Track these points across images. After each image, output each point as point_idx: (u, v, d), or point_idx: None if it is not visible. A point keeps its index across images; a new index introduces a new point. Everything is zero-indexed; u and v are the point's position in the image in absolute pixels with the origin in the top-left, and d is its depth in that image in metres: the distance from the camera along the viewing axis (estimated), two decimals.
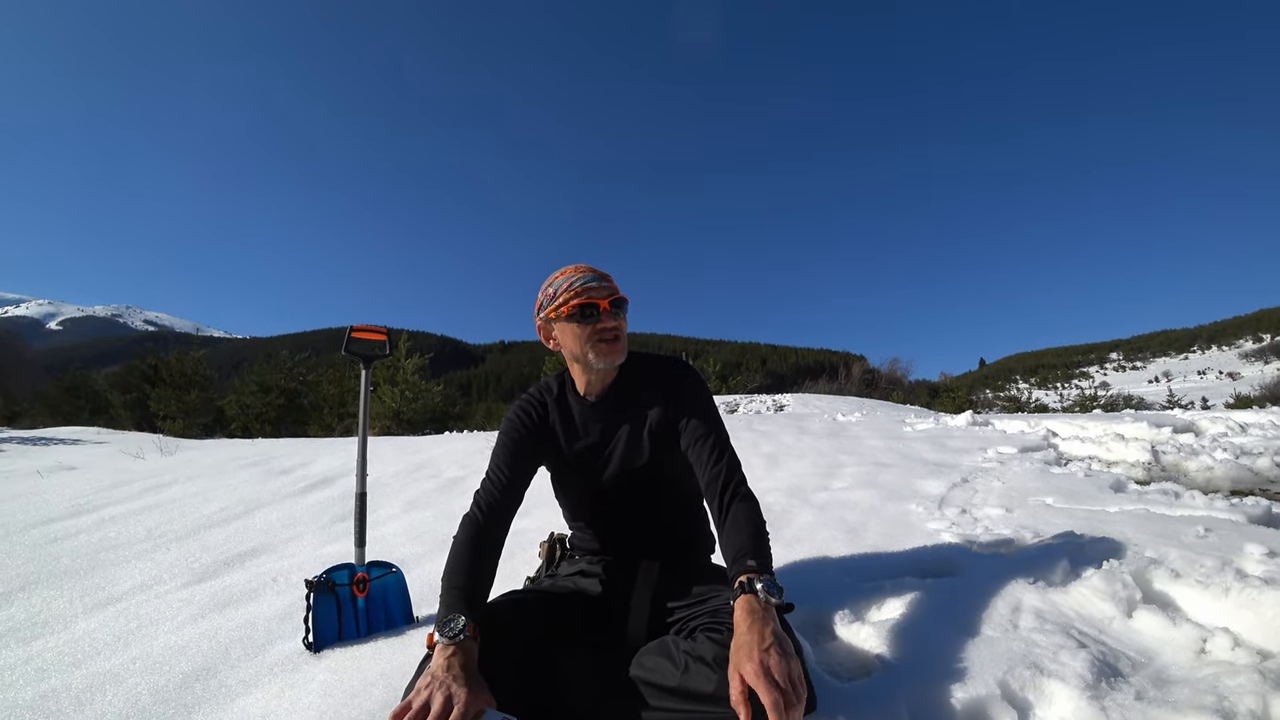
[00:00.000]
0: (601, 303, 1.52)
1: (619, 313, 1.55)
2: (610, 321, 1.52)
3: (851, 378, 20.62)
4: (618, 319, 1.54)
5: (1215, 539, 2.10)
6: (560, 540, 1.84)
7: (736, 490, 1.46)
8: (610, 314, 1.52)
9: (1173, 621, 1.50)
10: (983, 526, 2.56)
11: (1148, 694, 1.24)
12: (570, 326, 1.54)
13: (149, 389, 16.22)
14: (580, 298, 1.51)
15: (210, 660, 1.79)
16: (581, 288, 1.52)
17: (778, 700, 1.02)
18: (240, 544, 3.05)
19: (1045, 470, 3.67)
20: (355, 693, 1.51)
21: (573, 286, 1.53)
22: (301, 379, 16.76)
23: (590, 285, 1.53)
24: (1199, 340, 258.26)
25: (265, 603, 2.24)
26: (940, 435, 5.41)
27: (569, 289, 1.53)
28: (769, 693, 1.02)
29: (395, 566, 2.04)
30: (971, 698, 1.26)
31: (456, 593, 1.32)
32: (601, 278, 1.55)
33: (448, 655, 1.16)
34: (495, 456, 1.62)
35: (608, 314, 1.52)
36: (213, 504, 3.92)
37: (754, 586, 1.22)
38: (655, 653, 1.31)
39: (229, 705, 1.54)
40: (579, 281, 1.53)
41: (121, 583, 2.56)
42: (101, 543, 3.15)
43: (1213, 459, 3.69)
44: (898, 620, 1.63)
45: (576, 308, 1.51)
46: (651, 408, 1.60)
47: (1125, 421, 5.29)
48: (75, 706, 1.57)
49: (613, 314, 1.53)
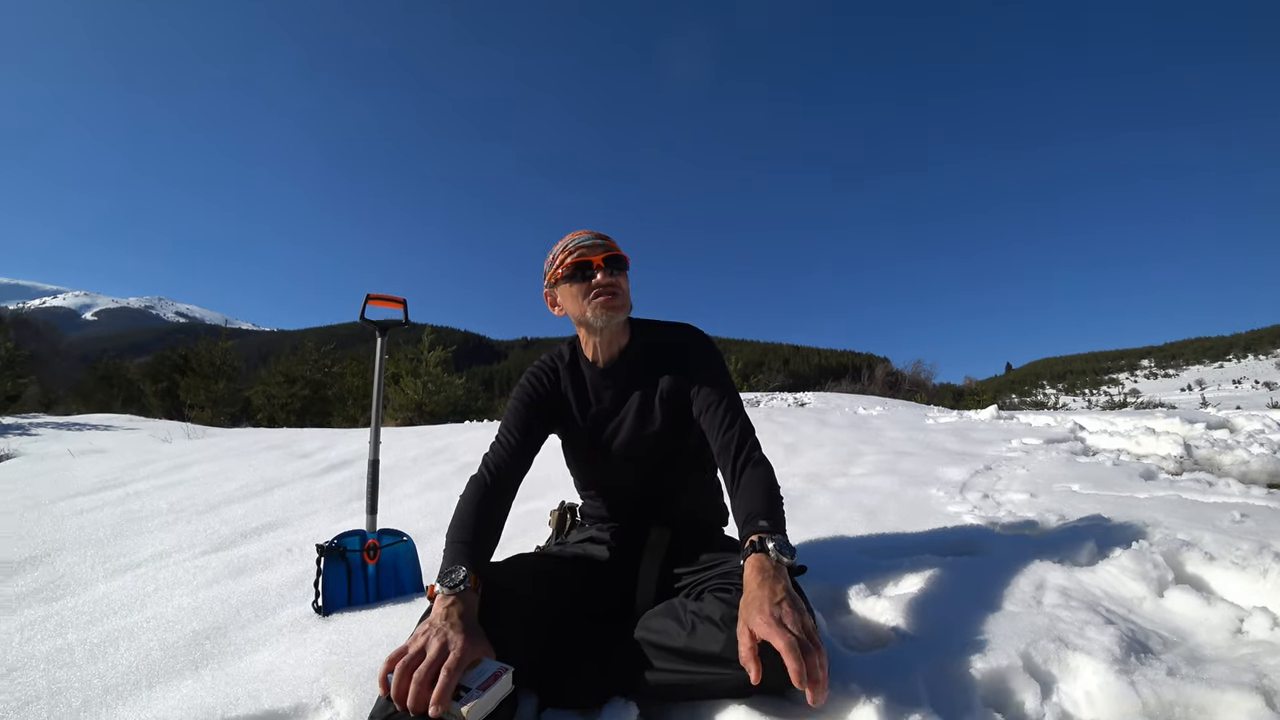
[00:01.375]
0: (595, 259, 1.49)
1: (615, 270, 1.51)
2: (605, 277, 1.49)
3: (875, 379, 20.35)
4: (614, 275, 1.51)
5: (1252, 524, 2.02)
6: (570, 509, 1.82)
7: (750, 455, 1.43)
8: (605, 270, 1.49)
9: (1207, 602, 1.45)
10: (1006, 510, 2.49)
11: (1180, 670, 1.18)
12: (568, 287, 1.52)
13: (179, 378, 16.54)
14: (574, 256, 1.50)
15: (221, 620, 1.80)
16: (575, 246, 1.51)
17: (792, 643, 0.98)
18: (258, 519, 3.08)
19: (1071, 459, 3.58)
20: (360, 651, 1.50)
21: (568, 247, 1.51)
22: (326, 370, 16.97)
23: (585, 244, 1.51)
24: (1235, 348, 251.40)
25: (278, 571, 2.25)
26: (963, 428, 5.31)
27: (565, 249, 1.52)
28: (783, 637, 0.98)
29: (406, 535, 2.04)
30: (991, 669, 1.21)
31: (459, 546, 1.31)
32: (599, 237, 1.53)
33: (447, 605, 1.15)
34: (505, 420, 1.60)
35: (602, 269, 1.49)
36: (234, 482, 3.96)
37: (765, 546, 1.19)
38: (662, 614, 1.28)
39: (236, 661, 1.54)
40: (575, 242, 1.52)
41: (141, 551, 2.60)
42: (125, 515, 3.20)
43: (1249, 453, 3.56)
44: (915, 595, 1.59)
45: (572, 266, 1.49)
46: (663, 374, 1.57)
47: (1157, 417, 5.13)
48: (89, 658, 1.59)
49: (608, 270, 1.50)
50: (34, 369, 20.15)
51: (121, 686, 1.43)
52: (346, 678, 1.37)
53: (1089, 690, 1.16)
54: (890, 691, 1.15)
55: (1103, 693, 1.14)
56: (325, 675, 1.39)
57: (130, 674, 1.49)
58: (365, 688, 1.32)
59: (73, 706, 1.35)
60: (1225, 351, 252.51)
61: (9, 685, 1.46)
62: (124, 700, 1.37)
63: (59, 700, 1.38)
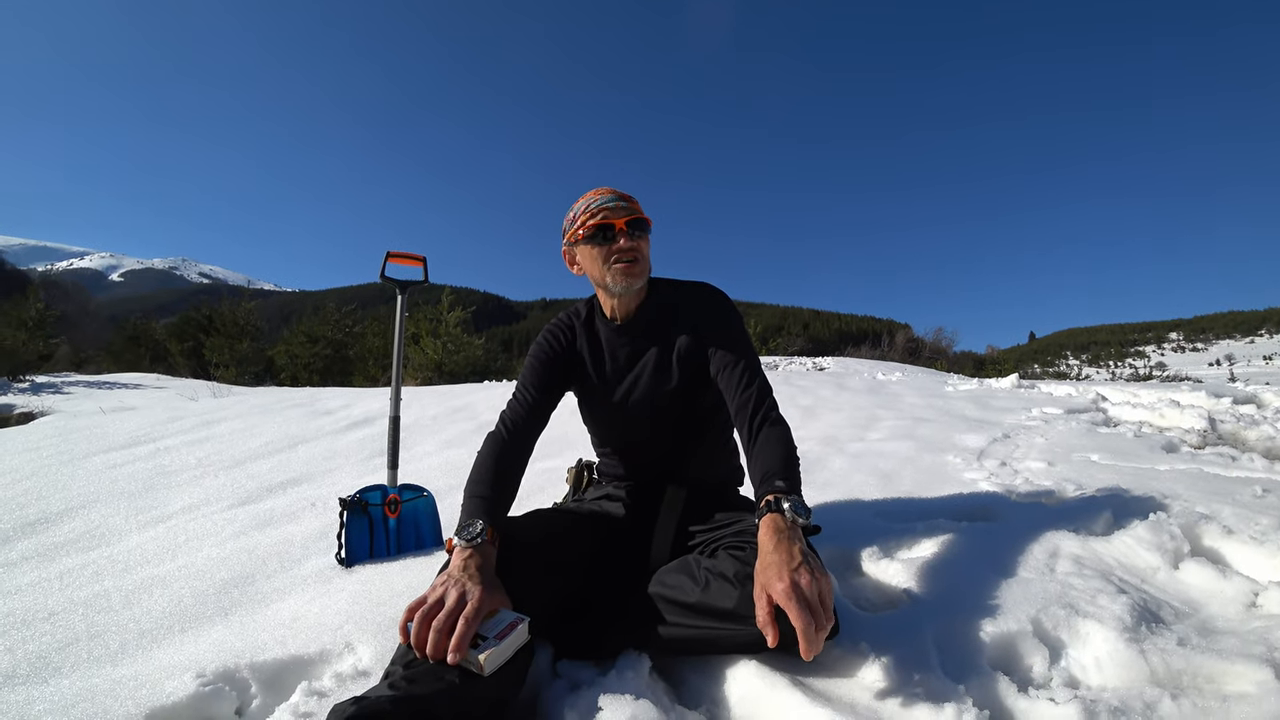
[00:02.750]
0: (618, 222, 1.46)
1: (637, 233, 1.49)
2: (627, 242, 1.47)
3: (895, 345, 20.17)
4: (635, 240, 1.49)
5: (1274, 499, 1.99)
6: (588, 466, 1.84)
7: (767, 415, 1.42)
8: (627, 234, 1.47)
9: (1222, 575, 1.44)
10: (1023, 478, 2.48)
11: (1191, 641, 1.18)
12: (588, 249, 1.50)
13: (204, 338, 16.81)
14: (596, 218, 1.47)
15: (249, 570, 1.86)
16: (599, 208, 1.48)
17: (809, 625, 0.99)
18: (283, 474, 3.16)
19: (1092, 429, 3.54)
20: (381, 601, 1.55)
21: (590, 207, 1.48)
22: (348, 331, 17.14)
23: (608, 205, 1.48)
24: (1268, 323, 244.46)
25: (303, 524, 2.32)
26: (983, 395, 5.26)
27: (587, 210, 1.49)
28: (800, 615, 0.99)
29: (426, 490, 2.08)
30: (1001, 632, 1.22)
31: (477, 501, 1.33)
32: (622, 198, 1.50)
33: (465, 557, 1.17)
34: (522, 378, 1.61)
35: (624, 234, 1.47)
36: (259, 439, 4.05)
37: (780, 505, 1.19)
38: (676, 570, 1.30)
39: (263, 609, 1.60)
40: (597, 202, 1.48)
41: (172, 504, 2.68)
42: (155, 469, 3.29)
43: (1275, 429, 3.50)
44: (928, 559, 1.60)
45: (594, 228, 1.47)
46: (681, 333, 1.56)
47: (1182, 390, 5.05)
48: (124, 604, 1.66)
49: (630, 234, 1.47)
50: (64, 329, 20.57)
51: (156, 631, 1.50)
52: (369, 626, 1.42)
53: (1098, 656, 1.16)
54: (900, 652, 1.17)
55: (1111, 659, 1.14)
56: (348, 623, 1.44)
57: (164, 619, 1.56)
58: (386, 635, 1.37)
59: (110, 649, 1.42)
60: (1258, 326, 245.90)
61: (51, 628, 1.53)
62: (159, 643, 1.44)
63: (97, 642, 1.44)
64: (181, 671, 1.26)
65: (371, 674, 1.25)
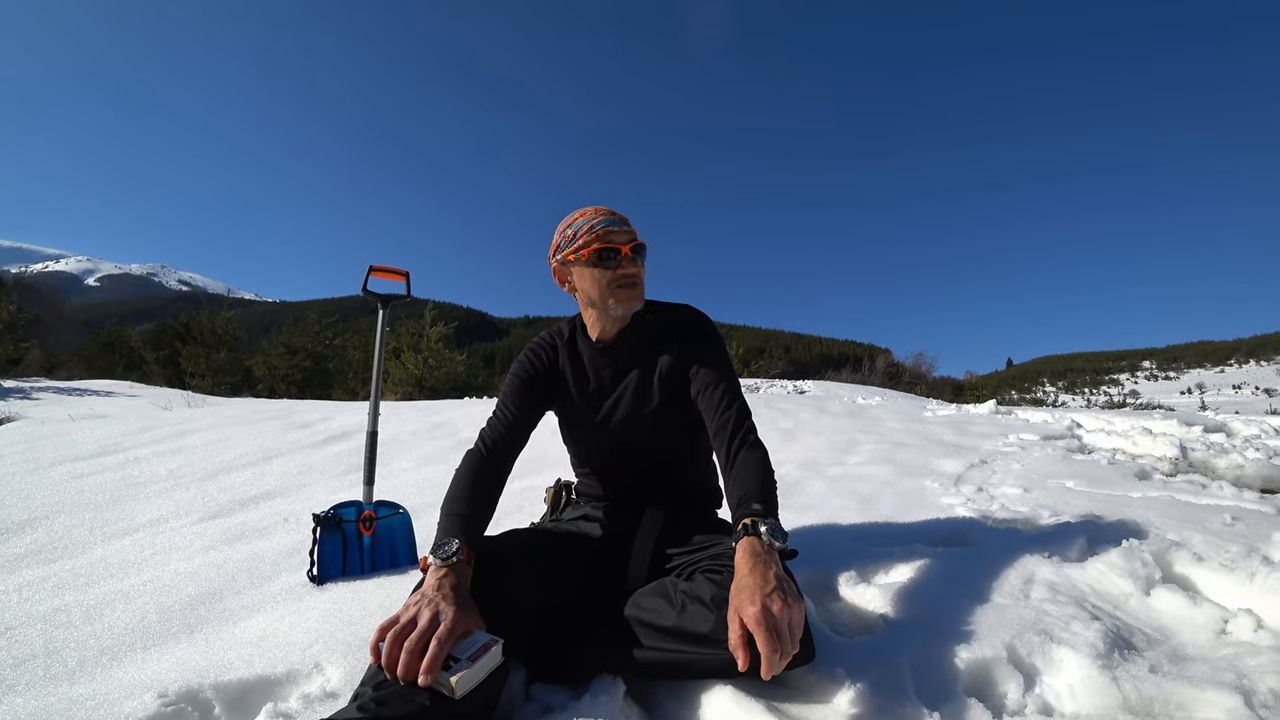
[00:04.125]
0: (623, 248, 1.47)
1: (639, 259, 1.50)
2: (631, 268, 1.48)
3: (875, 370, 20.36)
4: (638, 265, 1.50)
5: (1243, 527, 2.03)
6: (566, 486, 1.83)
7: (745, 438, 1.43)
8: (631, 260, 1.48)
9: (1193, 601, 1.45)
10: (999, 504, 2.51)
11: (1163, 668, 1.20)
12: (590, 271, 1.49)
13: (180, 347, 16.57)
14: (602, 241, 1.46)
15: (217, 586, 1.82)
16: (603, 230, 1.47)
17: (773, 652, 0.99)
18: (256, 487, 3.10)
19: (1067, 456, 3.59)
20: (353, 621, 1.52)
21: (594, 229, 1.47)
22: (328, 343, 16.98)
23: (612, 229, 1.47)
24: (1237, 353, 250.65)
25: (275, 539, 2.27)
26: (961, 421, 5.32)
27: (590, 230, 1.47)
28: (767, 643, 0.99)
29: (402, 507, 2.05)
30: (976, 658, 1.22)
31: (454, 519, 1.31)
32: (622, 221, 1.50)
33: (439, 576, 1.16)
34: (503, 396, 1.60)
35: (628, 259, 1.47)
36: (233, 451, 3.98)
37: (757, 529, 1.19)
38: (653, 593, 1.29)
39: (230, 626, 1.56)
40: (600, 224, 1.47)
41: (139, 516, 2.62)
42: (124, 480, 3.21)
43: (1244, 458, 3.56)
44: (905, 584, 1.60)
45: (597, 251, 1.46)
46: (663, 354, 1.56)
47: (1154, 418, 5.14)
48: (85, 619, 1.61)
49: (634, 260, 1.48)
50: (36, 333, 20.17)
51: (117, 647, 1.45)
52: (339, 646, 1.39)
53: (1071, 683, 1.17)
54: (875, 677, 1.17)
55: (1085, 686, 1.15)
56: (318, 643, 1.41)
57: (125, 635, 1.51)
58: (357, 656, 1.34)
59: (68, 665, 1.37)
60: (1227, 356, 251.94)
61: (6, 643, 1.48)
62: (119, 661, 1.40)
63: (55, 659, 1.40)
64: (142, 691, 1.22)
65: (340, 695, 1.22)
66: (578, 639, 1.29)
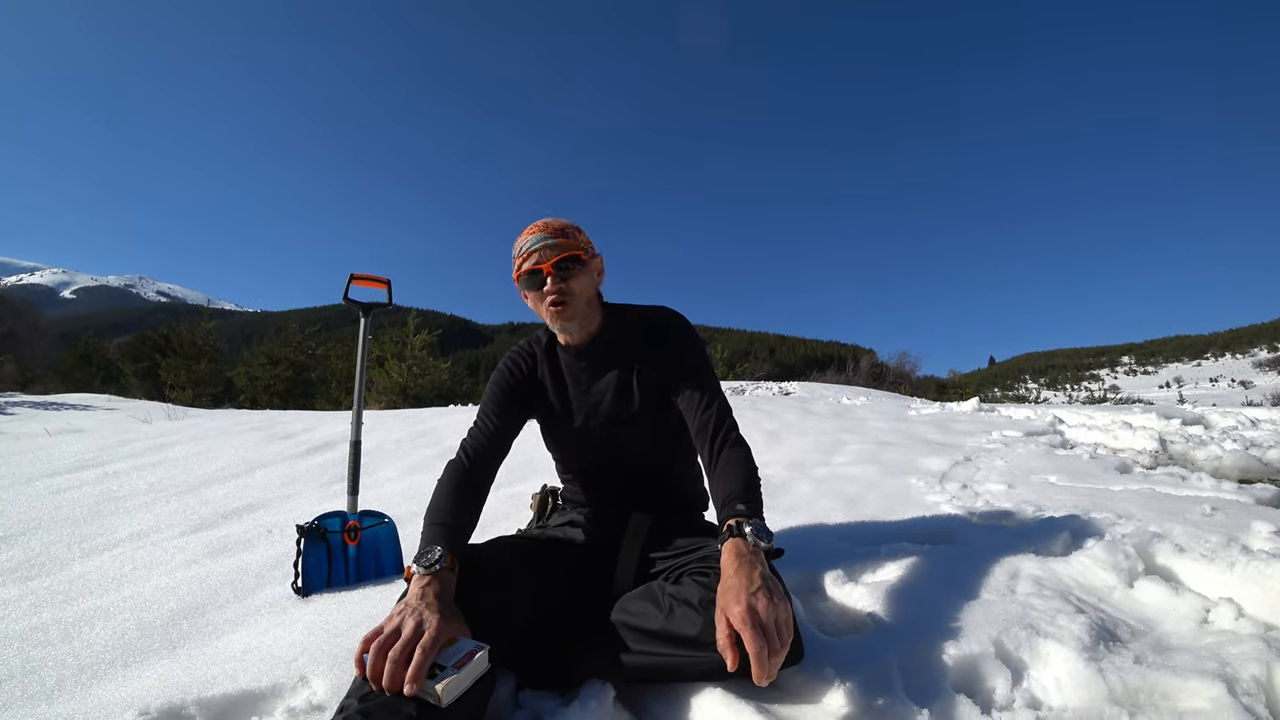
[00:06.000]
0: (544, 267, 1.44)
1: (565, 274, 1.46)
2: (554, 285, 1.44)
3: (860, 370, 20.52)
4: (563, 282, 1.45)
5: (1222, 517, 2.06)
6: (552, 492, 1.83)
7: (727, 437, 1.43)
8: (555, 277, 1.44)
9: (1175, 592, 1.47)
10: (984, 500, 2.53)
11: (1147, 659, 1.21)
12: (525, 292, 1.51)
13: (160, 359, 16.33)
14: (529, 262, 1.46)
15: (199, 601, 1.79)
16: (529, 251, 1.45)
17: (762, 650, 0.98)
18: (239, 499, 3.06)
19: (1050, 452, 3.63)
20: (339, 632, 1.51)
21: (521, 250, 1.47)
22: (310, 353, 16.82)
23: (535, 248, 1.45)
24: (1214, 347, 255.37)
25: (258, 551, 2.24)
26: (945, 419, 5.36)
27: (519, 253, 1.48)
28: (754, 640, 0.99)
29: (387, 517, 2.03)
30: (964, 655, 1.23)
31: (436, 528, 1.30)
32: (552, 235, 1.46)
33: (423, 584, 1.15)
34: (483, 405, 1.59)
35: (552, 277, 1.44)
36: (214, 463, 3.93)
37: (742, 530, 1.19)
38: (640, 597, 1.29)
39: (213, 641, 1.53)
40: (527, 244, 1.46)
41: (119, 531, 2.57)
42: (103, 495, 3.16)
43: (1221, 449, 3.63)
44: (892, 583, 1.61)
45: (525, 274, 1.47)
46: (640, 357, 1.56)
47: (1134, 412, 5.22)
48: (64, 637, 1.58)
49: (557, 277, 1.45)
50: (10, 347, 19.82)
51: (96, 665, 1.42)
52: (324, 658, 1.37)
53: (1058, 677, 1.18)
54: (864, 676, 1.17)
55: (1071, 679, 1.16)
56: (303, 656, 1.39)
57: (105, 653, 1.48)
58: (343, 668, 1.33)
59: (46, 685, 1.34)
60: (1204, 350, 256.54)
61: None
62: (99, 679, 1.37)
63: (33, 679, 1.37)
64: (123, 709, 1.20)
65: (326, 708, 1.21)
66: (566, 645, 1.29)
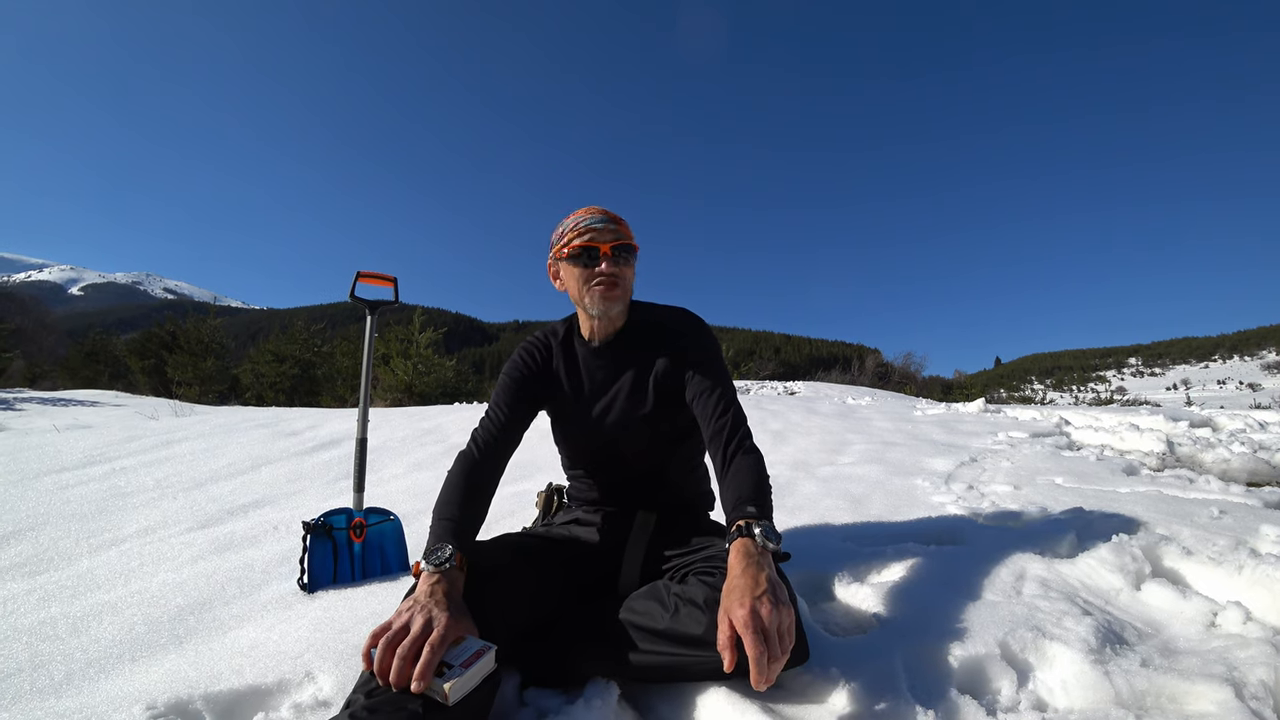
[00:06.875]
0: (603, 246, 1.46)
1: (621, 259, 1.49)
2: (609, 267, 1.47)
3: (865, 370, 20.48)
4: (618, 265, 1.49)
5: (1230, 520, 2.05)
6: (558, 490, 1.82)
7: (741, 443, 1.42)
8: (611, 259, 1.47)
9: (1183, 595, 1.47)
10: (989, 501, 2.52)
11: (1154, 661, 1.21)
12: (571, 268, 1.50)
13: (166, 356, 16.39)
14: (583, 238, 1.47)
15: (206, 596, 1.80)
16: (586, 228, 1.47)
17: (762, 655, 0.98)
18: (245, 496, 3.07)
19: (1056, 453, 3.61)
20: (345, 629, 1.51)
21: (578, 226, 1.48)
22: (316, 350, 16.86)
23: (595, 226, 1.47)
24: (1221, 349, 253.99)
25: (265, 548, 2.25)
26: (951, 420, 5.35)
27: (574, 228, 1.48)
28: (755, 646, 0.99)
29: (393, 514, 2.04)
30: (970, 656, 1.23)
31: (446, 524, 1.30)
32: (611, 220, 1.49)
33: (432, 582, 1.15)
34: (495, 396, 1.59)
35: (608, 258, 1.47)
36: (221, 460, 3.94)
37: (751, 531, 1.19)
38: (646, 596, 1.29)
39: (220, 637, 1.54)
40: (585, 222, 1.48)
41: (127, 527, 2.58)
42: (110, 490, 3.18)
43: (1230, 452, 3.61)
44: (897, 583, 1.60)
45: (579, 248, 1.47)
46: (658, 357, 1.56)
47: (1141, 414, 5.19)
48: (72, 632, 1.59)
49: (614, 259, 1.47)
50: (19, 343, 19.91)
51: (104, 660, 1.43)
52: (330, 654, 1.38)
53: (1064, 679, 1.18)
54: (869, 676, 1.17)
55: (1077, 681, 1.16)
56: (309, 651, 1.40)
57: (113, 648, 1.49)
58: (349, 664, 1.33)
59: (55, 679, 1.35)
60: (1211, 352, 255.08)
61: None
62: (106, 673, 1.37)
63: (41, 673, 1.37)
64: (131, 703, 1.21)
65: (332, 704, 1.21)
66: (571, 643, 1.29)
